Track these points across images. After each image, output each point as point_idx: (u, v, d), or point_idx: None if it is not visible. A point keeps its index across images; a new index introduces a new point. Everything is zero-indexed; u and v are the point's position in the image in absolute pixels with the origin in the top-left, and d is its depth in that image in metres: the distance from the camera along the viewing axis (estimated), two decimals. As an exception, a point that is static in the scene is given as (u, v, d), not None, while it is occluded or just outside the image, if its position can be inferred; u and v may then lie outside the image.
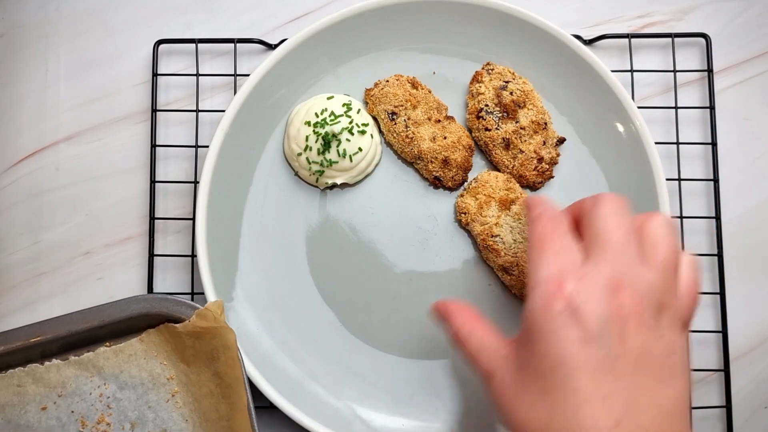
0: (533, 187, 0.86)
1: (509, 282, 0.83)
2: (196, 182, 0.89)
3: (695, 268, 0.61)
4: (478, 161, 0.88)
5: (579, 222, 0.63)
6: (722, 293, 0.87)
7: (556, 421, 0.54)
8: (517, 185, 0.85)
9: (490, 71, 0.87)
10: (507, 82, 0.86)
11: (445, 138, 0.85)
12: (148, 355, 0.73)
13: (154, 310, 0.73)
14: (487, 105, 0.86)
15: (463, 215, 0.84)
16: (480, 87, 0.86)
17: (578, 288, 0.56)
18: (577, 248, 0.60)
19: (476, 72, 0.87)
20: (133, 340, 0.74)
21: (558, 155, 0.86)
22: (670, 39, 0.92)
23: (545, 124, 0.85)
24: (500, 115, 0.86)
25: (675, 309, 0.58)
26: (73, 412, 0.71)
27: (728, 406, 0.85)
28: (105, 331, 0.74)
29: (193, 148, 0.90)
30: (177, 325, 0.73)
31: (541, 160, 0.85)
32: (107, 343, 0.74)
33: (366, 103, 0.88)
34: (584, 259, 0.58)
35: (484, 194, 0.84)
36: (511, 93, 0.85)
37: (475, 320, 0.67)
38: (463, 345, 0.67)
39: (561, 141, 0.87)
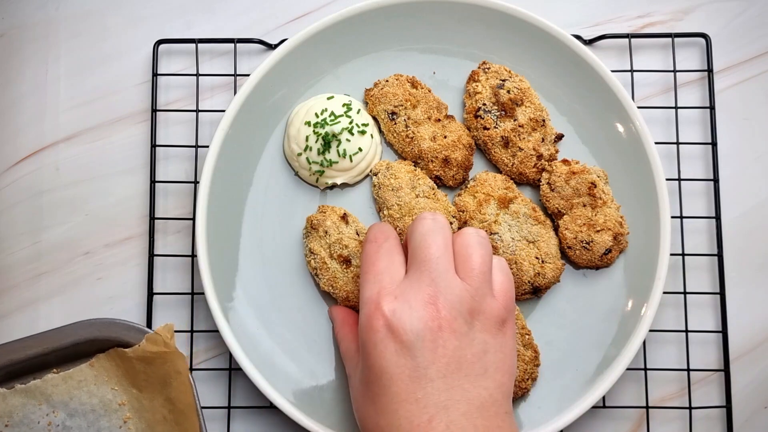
0: (533, 184, 0.87)
1: (508, 282, 0.83)
2: (196, 182, 0.89)
3: (506, 271, 0.70)
4: (477, 160, 0.88)
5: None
6: (722, 293, 0.87)
7: (382, 422, 0.63)
8: (515, 186, 0.86)
9: (486, 70, 0.87)
10: (504, 80, 0.86)
11: (445, 137, 0.85)
12: (98, 380, 0.71)
13: (102, 335, 0.71)
14: (484, 104, 0.86)
15: (461, 213, 0.84)
16: (477, 86, 0.86)
17: (394, 306, 0.64)
18: (400, 266, 0.68)
19: (472, 71, 0.87)
20: (83, 365, 0.71)
21: (557, 151, 0.86)
22: (670, 39, 0.92)
23: (543, 121, 0.86)
24: (498, 113, 0.86)
25: (488, 312, 0.65)
26: None
27: (728, 406, 0.85)
28: (52, 358, 0.71)
29: (193, 148, 0.90)
30: (127, 350, 0.71)
31: (540, 157, 0.85)
32: (54, 370, 0.72)
33: (366, 103, 0.88)
34: (404, 276, 0.66)
35: (483, 193, 0.84)
36: (509, 91, 0.85)
37: (348, 326, 0.77)
38: (338, 347, 0.78)
39: (559, 137, 0.87)
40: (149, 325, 0.85)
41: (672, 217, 0.85)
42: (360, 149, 0.84)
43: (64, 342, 0.71)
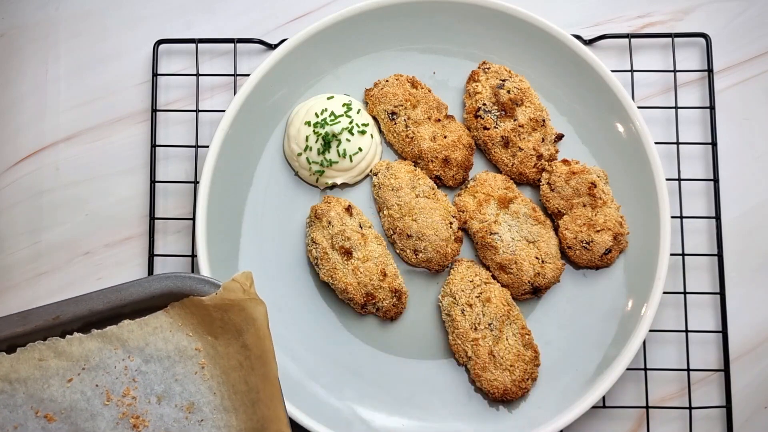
0: (533, 184, 0.87)
1: (506, 281, 0.83)
2: (196, 182, 0.89)
3: None
4: (477, 160, 0.88)
5: None
6: (722, 293, 0.87)
7: None
8: (515, 186, 0.86)
9: (486, 70, 0.87)
10: (504, 80, 0.86)
11: (445, 137, 0.85)
12: (173, 327, 0.72)
13: (177, 288, 0.71)
14: (484, 104, 0.86)
15: (461, 213, 0.84)
16: (477, 86, 0.86)
17: None
18: None
19: (473, 71, 0.87)
20: (159, 312, 0.72)
21: (557, 151, 0.86)
22: (670, 39, 0.92)
23: (543, 121, 0.86)
24: (498, 113, 0.86)
25: None
26: (97, 385, 0.70)
27: (728, 406, 0.85)
28: (127, 311, 0.72)
29: (193, 148, 0.90)
30: (203, 298, 0.71)
31: (540, 157, 0.85)
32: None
33: (366, 103, 0.88)
34: None
35: (483, 193, 0.84)
36: (509, 91, 0.85)
37: None
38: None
39: (559, 137, 0.87)
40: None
41: (672, 217, 0.85)
42: (360, 149, 0.84)
43: (142, 294, 0.71)
